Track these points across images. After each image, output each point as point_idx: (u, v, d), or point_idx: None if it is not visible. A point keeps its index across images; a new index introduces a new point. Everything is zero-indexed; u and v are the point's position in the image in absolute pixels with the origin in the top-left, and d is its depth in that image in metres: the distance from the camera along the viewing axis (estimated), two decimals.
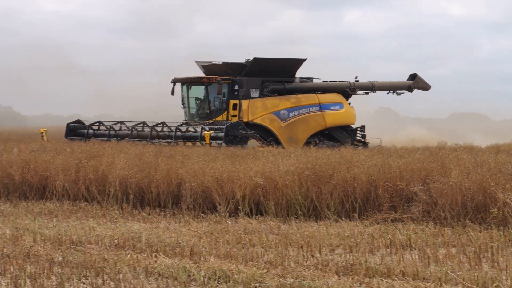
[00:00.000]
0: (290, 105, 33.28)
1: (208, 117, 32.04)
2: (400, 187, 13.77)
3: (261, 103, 32.55)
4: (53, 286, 8.54)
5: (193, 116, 33.03)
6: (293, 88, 33.91)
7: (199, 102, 33.06)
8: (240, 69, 32.85)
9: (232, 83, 32.26)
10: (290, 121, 33.06)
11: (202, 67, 34.23)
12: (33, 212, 14.94)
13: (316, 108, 33.96)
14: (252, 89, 32.59)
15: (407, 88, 37.12)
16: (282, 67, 33.43)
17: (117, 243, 11.12)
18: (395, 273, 9.01)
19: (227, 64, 33.48)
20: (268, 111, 32.61)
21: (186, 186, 15.13)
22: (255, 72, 32.64)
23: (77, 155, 18.44)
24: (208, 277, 8.86)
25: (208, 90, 32.29)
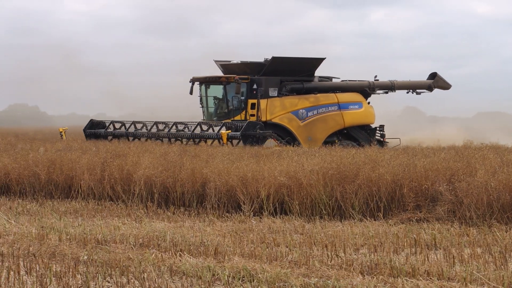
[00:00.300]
0: (308, 105, 33.13)
1: (226, 117, 31.99)
2: (425, 186, 13.71)
3: (280, 103, 32.42)
4: (78, 285, 8.57)
5: (211, 115, 32.99)
6: (312, 87, 33.73)
7: (218, 102, 32.99)
8: (258, 69, 32.73)
9: (250, 83, 32.16)
10: (308, 120, 32.91)
11: (220, 66, 34.16)
12: (59, 211, 15.02)
13: (335, 107, 33.78)
14: (271, 88, 32.46)
15: (427, 87, 36.82)
16: (301, 66, 33.27)
17: (142, 242, 11.15)
18: (420, 273, 8.97)
19: (245, 63, 33.41)
20: (286, 110, 32.47)
21: (210, 185, 15.15)
22: (273, 71, 32.51)
23: (102, 155, 18.51)
24: (232, 276, 8.86)
25: (227, 89, 32.22)
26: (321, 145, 30.30)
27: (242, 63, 33.45)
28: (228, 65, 33.85)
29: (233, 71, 33.19)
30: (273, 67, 32.43)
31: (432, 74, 37.11)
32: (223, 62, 34.19)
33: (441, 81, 36.97)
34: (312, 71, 33.78)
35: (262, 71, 32.49)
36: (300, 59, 33.56)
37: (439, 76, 36.92)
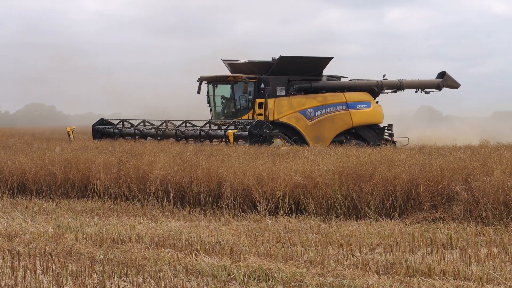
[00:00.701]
0: (316, 104, 33.07)
1: (234, 116, 31.91)
2: (441, 186, 13.66)
3: (287, 102, 32.36)
4: (94, 284, 8.59)
5: (219, 115, 32.94)
6: (320, 86, 33.66)
7: (225, 101, 32.94)
8: (266, 68, 32.68)
9: (258, 82, 32.11)
10: (316, 119, 32.84)
11: (228, 65, 34.08)
12: (75, 210, 15.07)
13: (343, 106, 33.71)
14: (278, 87, 32.41)
15: (436, 86, 36.64)
16: (309, 65, 33.20)
17: (158, 242, 11.17)
18: (436, 273, 8.94)
19: (253, 62, 33.32)
20: (294, 109, 32.42)
21: (226, 184, 15.16)
22: (281, 71, 32.45)
23: (118, 154, 18.56)
24: (248, 275, 8.86)
25: (234, 88, 32.20)
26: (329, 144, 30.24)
27: (249, 62, 33.37)
28: (236, 64, 33.77)
29: (241, 70, 33.14)
30: (280, 67, 32.36)
31: (441, 73, 36.91)
32: (230, 61, 34.11)
33: (450, 80, 36.78)
34: (320, 70, 33.69)
35: (270, 71, 32.44)
36: (307, 58, 33.49)
37: (448, 75, 36.73)
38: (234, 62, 33.90)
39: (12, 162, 18.56)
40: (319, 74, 33.82)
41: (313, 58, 33.61)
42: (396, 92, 36.32)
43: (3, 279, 8.72)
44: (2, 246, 10.82)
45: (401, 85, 35.98)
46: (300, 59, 33.23)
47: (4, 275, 8.92)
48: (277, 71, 32.44)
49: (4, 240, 11.42)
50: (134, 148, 20.69)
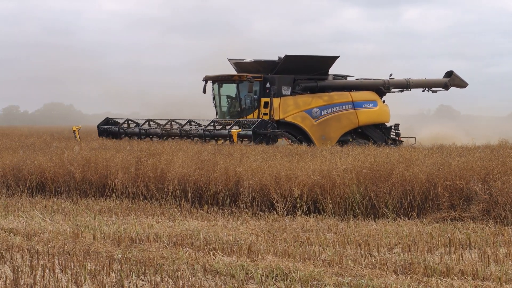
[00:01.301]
0: (322, 103, 32.87)
1: (239, 116, 31.79)
2: (460, 185, 13.62)
3: (293, 101, 32.19)
4: (113, 283, 8.62)
5: (224, 114, 32.83)
6: (326, 85, 33.46)
7: (230, 100, 32.82)
8: (272, 67, 32.52)
9: (263, 81, 31.97)
10: (322, 119, 32.65)
11: (234, 65, 33.93)
12: (93, 209, 15.12)
13: (349, 106, 33.49)
14: (284, 87, 32.22)
15: (443, 85, 36.31)
16: (314, 64, 32.99)
17: (176, 241, 11.19)
18: (454, 273, 8.91)
19: (258, 61, 33.17)
20: (300, 109, 32.24)
21: (244, 184, 15.17)
22: (287, 70, 32.29)
23: (136, 153, 18.61)
24: (265, 275, 8.87)
25: (239, 88, 32.02)
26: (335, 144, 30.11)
27: (255, 61, 33.22)
28: (242, 63, 33.63)
29: (246, 69, 33.00)
30: (286, 66, 32.20)
31: (448, 73, 36.63)
32: (236, 60, 33.97)
33: (457, 80, 36.52)
34: (326, 69, 33.46)
35: (275, 70, 32.28)
36: (313, 57, 33.30)
37: (456, 74, 36.45)
38: (240, 61, 33.76)
39: (31, 162, 18.64)
40: (325, 73, 33.61)
41: (319, 57, 33.41)
42: (403, 91, 36.11)
43: (22, 278, 8.76)
44: (21, 245, 10.88)
45: (408, 85, 35.71)
46: (306, 58, 33.06)
47: (23, 273, 8.97)
48: (283, 70, 32.28)
49: (23, 239, 11.48)
50: (152, 148, 20.73)
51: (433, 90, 36.50)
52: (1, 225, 12.69)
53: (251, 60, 33.36)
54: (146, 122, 32.08)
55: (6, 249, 10.58)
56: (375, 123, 34.45)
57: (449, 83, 36.24)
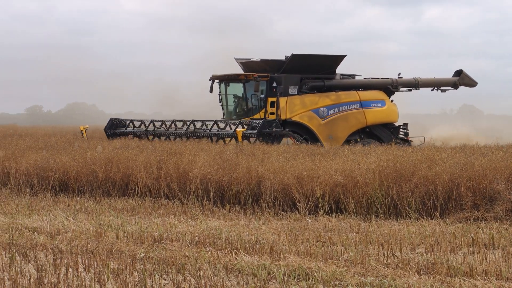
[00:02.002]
0: (329, 103, 32.65)
1: (246, 115, 31.64)
2: (483, 185, 13.56)
3: (300, 101, 31.98)
4: (135, 282, 8.65)
5: (231, 114, 32.68)
6: (333, 85, 33.21)
7: (237, 100, 32.66)
8: (278, 66, 32.32)
9: (270, 80, 31.76)
10: (329, 118, 32.42)
11: (241, 64, 33.74)
12: (116, 208, 15.17)
13: (356, 105, 33.22)
14: (291, 86, 32.00)
15: (452, 84, 35.97)
16: (322, 63, 32.77)
17: (198, 240, 11.21)
18: (478, 273, 8.87)
19: (265, 61, 32.96)
20: (306, 108, 32.02)
21: (266, 183, 15.17)
22: (293, 69, 32.09)
23: (158, 153, 18.66)
24: (287, 274, 8.87)
25: (246, 87, 31.81)
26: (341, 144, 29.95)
27: (262, 60, 33.02)
28: (248, 63, 33.44)
29: (253, 69, 32.83)
30: (292, 65, 32.00)
31: (458, 71, 36.33)
32: (243, 60, 33.79)
33: (467, 79, 36.23)
34: (333, 69, 33.22)
35: (282, 69, 32.09)
36: (320, 56, 33.07)
37: (465, 73, 36.14)
38: (247, 61, 33.56)
39: (55, 161, 18.74)
40: (333, 73, 33.35)
41: (326, 56, 33.17)
42: (412, 90, 35.83)
43: (46, 277, 8.81)
44: (45, 243, 10.94)
45: (417, 84, 35.39)
46: (313, 57, 32.83)
47: (47, 272, 9.02)
48: (289, 69, 32.07)
49: (47, 238, 11.55)
50: (174, 147, 20.78)
51: (442, 89, 36.19)
52: (25, 224, 12.77)
53: (258, 60, 33.20)
54: (150, 123, 31.99)
55: (30, 248, 10.66)
56: (383, 122, 34.19)
57: (458, 82, 35.96)
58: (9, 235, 11.63)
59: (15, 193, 17.99)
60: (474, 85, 36.77)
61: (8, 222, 13.05)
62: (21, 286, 8.40)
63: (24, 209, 14.85)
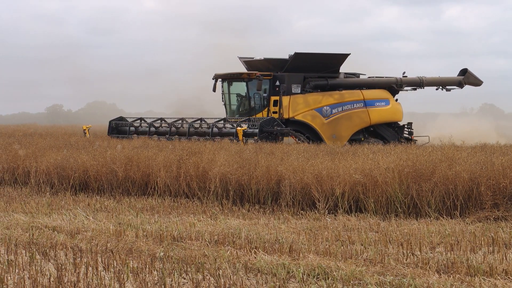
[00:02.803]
0: (333, 101, 32.56)
1: (249, 114, 31.57)
2: (503, 184, 13.49)
3: (303, 99, 31.91)
4: (155, 281, 8.67)
5: (233, 112, 32.62)
6: (337, 84, 33.13)
7: (240, 99, 32.59)
8: (282, 65, 32.28)
9: (273, 79, 31.73)
10: (333, 117, 32.34)
11: (244, 63, 33.69)
12: (136, 207, 15.21)
13: (360, 104, 33.12)
14: (294, 85, 31.93)
15: (457, 83, 35.76)
16: (325, 62, 32.67)
17: (217, 239, 11.22)
18: (498, 272, 8.83)
19: (268, 59, 32.90)
20: (310, 107, 31.97)
21: (285, 182, 15.16)
22: (296, 68, 32.00)
23: (178, 152, 18.69)
24: (307, 274, 8.86)
25: (249, 86, 31.80)
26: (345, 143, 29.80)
27: (265, 59, 32.96)
28: (252, 61, 33.37)
29: (256, 67, 32.75)
30: (296, 63, 31.92)
31: (463, 70, 36.12)
32: (246, 58, 33.72)
33: (472, 78, 35.99)
34: (336, 67, 33.15)
35: (285, 68, 32.00)
36: (323, 55, 32.94)
37: (470, 72, 35.91)
38: (250, 60, 33.51)
39: (75, 160, 18.82)
40: (336, 71, 33.30)
41: (329, 55, 33.05)
42: (416, 89, 35.61)
43: (66, 275, 8.85)
44: (65, 242, 10.99)
45: (421, 83, 35.22)
46: (316, 55, 32.70)
47: (67, 271, 9.06)
48: (292, 68, 31.99)
49: (66, 237, 11.60)
50: (193, 146, 20.82)
51: (447, 88, 35.99)
52: (45, 223, 12.83)
53: (261, 58, 33.10)
54: (157, 120, 32.06)
55: (50, 246, 10.70)
56: (387, 121, 34.08)
57: (463, 81, 35.73)
58: (29, 234, 11.69)
59: (36, 192, 18.09)
60: (479, 84, 36.57)
61: (28, 221, 13.11)
62: (41, 285, 8.44)
63: (44, 208, 14.92)
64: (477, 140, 22.97)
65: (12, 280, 8.75)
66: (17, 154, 20.76)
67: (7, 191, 18.18)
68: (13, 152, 21.23)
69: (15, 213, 14.17)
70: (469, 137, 26.18)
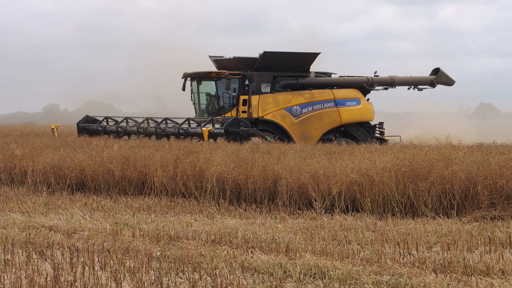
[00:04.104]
0: (303, 101, 32.41)
1: (218, 113, 31.39)
2: (500, 184, 13.50)
3: (272, 99, 31.73)
4: (152, 281, 8.67)
5: (203, 112, 32.43)
6: (307, 83, 32.98)
7: (209, 98, 32.40)
8: (251, 64, 32.09)
9: (242, 78, 31.53)
10: (303, 117, 32.18)
11: (214, 62, 33.49)
12: (132, 207, 15.21)
13: (331, 104, 32.99)
14: (263, 84, 31.73)
15: (429, 83, 35.70)
16: (295, 61, 32.51)
17: (214, 239, 11.22)
18: (495, 272, 8.84)
19: (238, 58, 32.71)
20: (279, 107, 31.81)
21: (282, 182, 15.17)
22: (266, 67, 31.83)
23: (175, 151, 18.68)
24: (303, 273, 8.86)
25: (218, 85, 31.57)
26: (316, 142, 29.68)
27: (234, 58, 32.74)
28: (221, 60, 33.17)
29: (226, 66, 32.56)
30: (265, 62, 31.73)
31: (435, 70, 36.03)
32: (216, 57, 33.50)
33: (444, 77, 35.91)
34: (307, 67, 32.97)
35: (254, 67, 31.81)
36: (293, 54, 32.78)
37: (442, 71, 35.83)
38: (220, 58, 33.27)
39: (71, 160, 18.81)
40: (306, 70, 33.12)
41: (299, 54, 32.89)
42: (388, 89, 35.49)
43: (62, 275, 8.85)
44: (62, 242, 10.98)
45: (393, 82, 35.09)
46: (285, 54, 32.54)
47: (63, 270, 9.05)
48: (262, 67, 31.82)
49: (63, 236, 11.59)
50: (190, 146, 20.81)
51: (419, 88, 35.88)
52: (42, 223, 12.82)
53: (230, 57, 32.85)
54: (123, 120, 31.89)
55: (47, 246, 10.70)
56: (358, 121, 33.95)
57: (435, 81, 35.64)
58: (26, 234, 11.68)
59: (32, 191, 18.07)
60: (451, 84, 36.47)
61: (25, 220, 13.11)
62: (38, 285, 8.43)
63: (41, 208, 14.91)
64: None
65: (9, 279, 8.74)
66: (14, 153, 20.75)
67: (3, 190, 18.16)
68: (10, 151, 21.22)
69: (12, 213, 14.16)
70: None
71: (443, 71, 35.82)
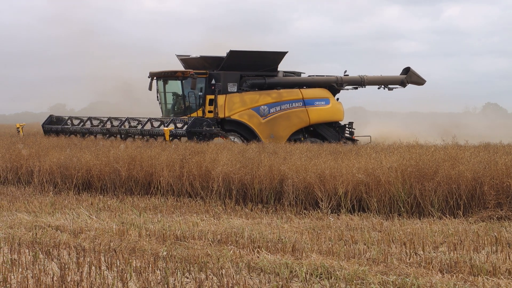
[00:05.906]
0: (271, 101, 32.20)
1: (184, 113, 31.16)
2: (507, 184, 13.48)
3: (239, 98, 31.55)
4: (158, 281, 8.67)
5: (169, 112, 32.19)
6: (275, 82, 32.76)
7: (175, 98, 32.20)
8: (218, 63, 31.91)
9: (209, 78, 31.31)
10: (270, 117, 31.99)
11: (181, 61, 33.31)
12: (139, 207, 15.22)
13: (299, 103, 32.75)
14: (230, 83, 31.54)
15: (400, 82, 35.50)
16: (262, 60, 32.30)
17: (220, 239, 11.22)
18: (501, 272, 8.83)
19: (205, 57, 32.53)
20: (246, 106, 31.63)
21: (288, 182, 15.16)
22: (232, 66, 31.64)
23: (181, 151, 18.69)
24: (310, 273, 8.86)
25: (183, 85, 31.34)
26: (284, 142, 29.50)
27: (201, 57, 32.56)
28: (188, 59, 32.98)
29: (193, 65, 32.37)
30: (231, 62, 31.53)
31: (405, 69, 35.83)
32: (183, 56, 33.31)
33: (414, 77, 35.73)
34: (274, 66, 32.76)
35: (221, 66, 31.62)
36: (260, 53, 32.59)
37: (413, 71, 35.64)
38: (186, 57, 33.08)
39: (78, 159, 18.83)
40: (274, 70, 32.91)
41: (266, 53, 32.70)
42: (357, 88, 35.29)
43: (69, 275, 8.86)
44: (68, 242, 10.99)
45: (362, 81, 34.89)
46: (252, 53, 32.34)
47: (70, 270, 9.06)
48: (228, 66, 31.62)
49: (70, 236, 11.60)
50: (196, 146, 20.82)
51: (389, 87, 35.65)
52: (48, 222, 12.84)
53: (197, 56, 32.66)
54: (87, 120, 31.68)
55: (54, 246, 10.71)
56: (327, 121, 33.76)
57: (406, 80, 35.46)
58: (32, 234, 11.70)
59: (39, 191, 18.10)
60: (422, 83, 36.31)
61: (31, 220, 13.12)
62: (44, 284, 8.44)
63: (48, 208, 14.93)
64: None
65: (16, 279, 8.76)
66: (21, 153, 20.78)
67: (10, 190, 18.19)
68: (16, 151, 21.25)
69: (19, 212, 14.18)
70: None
71: (414, 71, 35.70)
